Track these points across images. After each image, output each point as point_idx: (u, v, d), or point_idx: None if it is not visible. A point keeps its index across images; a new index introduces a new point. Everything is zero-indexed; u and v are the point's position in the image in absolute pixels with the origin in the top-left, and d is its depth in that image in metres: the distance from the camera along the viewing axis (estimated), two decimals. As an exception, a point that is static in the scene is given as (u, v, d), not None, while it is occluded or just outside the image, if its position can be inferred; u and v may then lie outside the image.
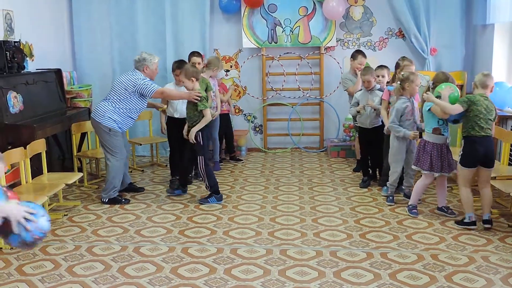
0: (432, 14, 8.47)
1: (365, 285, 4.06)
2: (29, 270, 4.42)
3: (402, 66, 6.53)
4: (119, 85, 6.19)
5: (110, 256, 4.70)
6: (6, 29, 6.72)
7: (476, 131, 5.09)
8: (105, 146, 6.25)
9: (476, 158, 5.14)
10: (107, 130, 6.16)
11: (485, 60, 7.90)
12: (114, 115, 6.18)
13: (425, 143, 5.52)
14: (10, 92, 6.10)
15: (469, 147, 5.14)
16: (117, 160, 6.26)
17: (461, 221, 5.33)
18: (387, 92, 6.35)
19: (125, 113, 6.23)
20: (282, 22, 8.79)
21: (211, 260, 4.57)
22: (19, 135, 5.94)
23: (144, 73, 6.26)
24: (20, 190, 5.43)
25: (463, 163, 5.21)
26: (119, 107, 6.18)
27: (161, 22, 8.72)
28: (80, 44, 8.87)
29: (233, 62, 9.08)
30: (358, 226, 5.38)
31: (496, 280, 4.11)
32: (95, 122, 6.22)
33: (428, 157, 5.46)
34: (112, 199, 6.29)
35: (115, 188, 6.32)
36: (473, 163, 5.16)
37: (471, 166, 5.18)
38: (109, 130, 6.17)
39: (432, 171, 5.48)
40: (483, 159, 5.13)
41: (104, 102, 6.26)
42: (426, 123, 5.55)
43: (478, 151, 5.09)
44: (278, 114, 9.20)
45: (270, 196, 6.50)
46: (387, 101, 6.32)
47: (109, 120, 6.15)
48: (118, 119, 6.21)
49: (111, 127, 6.16)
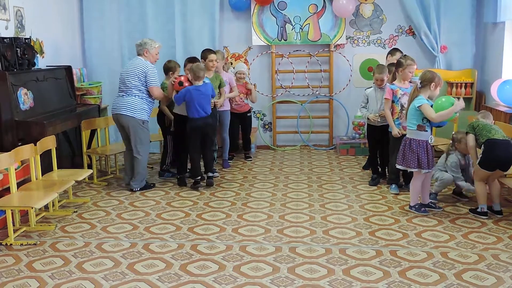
0: (443, 12, 8.45)
1: (375, 283, 4.05)
2: (39, 267, 4.43)
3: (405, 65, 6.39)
4: (131, 77, 6.42)
5: (120, 253, 4.71)
6: (17, 26, 6.76)
7: (493, 134, 5.29)
8: (137, 139, 6.50)
9: (496, 163, 5.30)
10: (141, 123, 6.47)
11: (495, 58, 7.86)
12: (144, 105, 6.49)
13: (410, 141, 5.55)
14: (21, 89, 6.13)
15: (490, 151, 5.28)
16: (145, 153, 6.62)
17: (474, 210, 5.58)
18: (390, 91, 6.30)
19: (148, 100, 6.56)
20: (292, 19, 8.78)
21: (220, 257, 4.57)
22: (29, 132, 5.97)
23: (145, 57, 6.49)
24: (30, 186, 5.46)
25: (482, 166, 5.34)
26: (143, 97, 6.48)
27: (171, 19, 8.75)
28: (90, 41, 8.91)
29: (242, 60, 9.07)
30: (367, 224, 5.36)
31: (506, 278, 4.08)
32: (127, 117, 6.42)
33: (415, 155, 5.51)
34: (142, 187, 6.70)
35: (144, 177, 6.73)
36: (493, 167, 5.32)
37: (490, 170, 5.34)
38: (143, 123, 6.48)
39: (420, 168, 5.52)
40: (502, 163, 5.30)
41: (131, 97, 6.43)
42: (410, 120, 5.57)
43: (499, 157, 5.26)
44: (287, 112, 9.19)
45: (279, 193, 6.49)
46: (390, 100, 6.29)
47: (143, 112, 6.48)
48: (147, 108, 6.55)
49: (145, 120, 6.50)
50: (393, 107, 6.30)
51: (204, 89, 6.56)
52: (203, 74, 6.55)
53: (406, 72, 6.26)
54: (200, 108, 6.50)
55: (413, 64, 6.35)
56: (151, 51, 6.49)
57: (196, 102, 6.47)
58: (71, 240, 5.03)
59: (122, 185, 6.93)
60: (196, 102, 6.47)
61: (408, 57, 6.51)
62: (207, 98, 6.62)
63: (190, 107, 6.51)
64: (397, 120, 6.27)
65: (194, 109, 6.49)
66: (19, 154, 5.32)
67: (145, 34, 8.70)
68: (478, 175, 5.46)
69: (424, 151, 5.50)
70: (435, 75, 5.50)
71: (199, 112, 6.51)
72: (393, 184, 6.46)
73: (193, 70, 6.50)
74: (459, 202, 5.99)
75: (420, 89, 5.51)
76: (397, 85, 6.29)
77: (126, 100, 6.44)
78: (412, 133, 5.55)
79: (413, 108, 5.49)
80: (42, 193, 5.21)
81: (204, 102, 6.57)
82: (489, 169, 5.31)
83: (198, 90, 6.49)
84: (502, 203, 5.66)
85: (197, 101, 6.48)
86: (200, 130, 6.61)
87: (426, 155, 5.50)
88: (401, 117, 6.23)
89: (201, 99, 6.51)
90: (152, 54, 6.52)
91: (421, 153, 5.49)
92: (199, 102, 6.49)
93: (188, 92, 6.45)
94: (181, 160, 7.04)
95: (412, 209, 5.69)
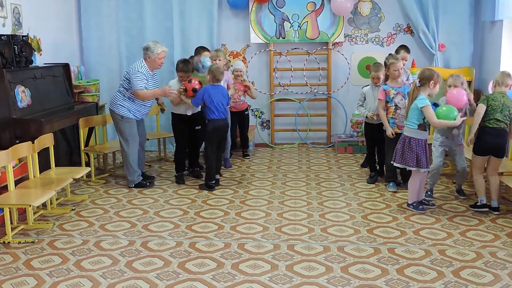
0: (441, 10, 8.44)
1: (373, 280, 4.06)
2: (37, 264, 4.43)
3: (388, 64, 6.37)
4: (123, 75, 6.61)
5: (118, 251, 4.71)
6: (14, 23, 6.74)
7: (491, 123, 5.41)
8: (119, 133, 6.62)
9: (487, 147, 5.47)
10: (119, 117, 6.51)
11: (493, 57, 7.86)
12: (124, 102, 6.50)
13: (410, 140, 5.56)
14: (18, 86, 6.12)
15: (482, 136, 5.49)
16: (130, 147, 6.57)
17: (474, 205, 5.69)
18: (382, 91, 6.30)
19: (130, 98, 6.49)
20: (290, 17, 8.77)
21: (219, 255, 4.58)
22: (27, 130, 5.96)
23: (147, 62, 6.45)
24: (28, 184, 5.45)
25: (475, 151, 5.57)
26: (128, 95, 6.48)
27: (169, 17, 8.73)
28: (88, 39, 8.89)
29: (240, 58, 9.07)
30: (365, 222, 5.37)
31: (504, 275, 4.10)
32: (110, 111, 6.64)
33: (414, 154, 5.52)
34: (137, 184, 6.69)
35: (137, 172, 6.69)
36: (484, 151, 5.49)
37: (482, 155, 5.52)
38: (121, 118, 6.50)
39: (419, 167, 5.54)
40: (494, 148, 5.45)
41: (116, 92, 6.62)
42: (411, 119, 5.57)
43: (489, 141, 5.44)
44: (285, 110, 9.19)
45: (277, 191, 6.50)
46: (383, 100, 6.29)
47: (120, 107, 6.50)
48: (131, 106, 6.52)
49: (123, 115, 6.49)
50: (387, 107, 6.30)
51: (221, 88, 6.63)
52: (221, 77, 6.62)
53: (392, 71, 6.31)
54: (219, 107, 6.50)
55: (396, 62, 6.32)
56: (152, 57, 6.39)
57: (215, 102, 6.46)
58: (69, 238, 5.03)
59: (121, 183, 6.93)
60: (215, 101, 6.46)
61: (392, 56, 6.53)
62: (225, 99, 6.62)
63: (210, 108, 6.48)
64: (392, 119, 6.27)
65: (214, 108, 6.47)
66: (17, 152, 5.31)
67: (143, 31, 8.72)
68: (474, 166, 5.63)
69: (423, 150, 5.51)
70: (434, 73, 5.50)
71: (219, 112, 6.51)
72: (391, 182, 6.47)
73: (212, 72, 6.50)
74: (456, 200, 6.00)
75: (419, 88, 5.51)
76: (390, 85, 6.31)
77: (113, 95, 6.66)
78: (412, 132, 5.55)
79: (416, 108, 5.48)
80: (40, 191, 5.21)
81: (223, 102, 6.58)
82: (480, 153, 5.52)
83: (217, 88, 6.54)
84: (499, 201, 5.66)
85: (216, 101, 6.47)
86: (220, 131, 6.63)
87: (425, 155, 5.52)
88: (395, 116, 6.24)
89: (219, 97, 6.51)
90: (153, 60, 6.42)
91: (420, 152, 5.50)
92: (218, 101, 6.48)
93: (206, 91, 6.46)
94: (178, 159, 7.05)
95: (410, 207, 5.70)
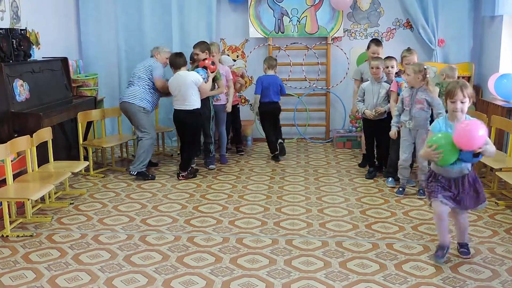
0: (440, 5, 8.42)
1: (371, 275, 4.06)
2: (36, 258, 4.43)
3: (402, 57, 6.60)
4: (141, 70, 6.98)
5: (116, 245, 4.71)
6: (13, 17, 6.72)
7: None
8: (139, 126, 6.90)
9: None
10: (141, 109, 6.84)
11: (492, 52, 7.86)
12: (145, 95, 6.89)
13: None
14: (17, 80, 6.10)
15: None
16: (148, 139, 6.85)
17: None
18: (395, 83, 6.31)
19: (152, 92, 6.98)
20: (289, 12, 8.76)
21: (217, 250, 4.58)
22: (25, 124, 5.95)
23: (157, 59, 7.08)
24: (26, 178, 5.45)
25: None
26: (146, 88, 6.92)
27: (168, 11, 8.70)
28: (86, 33, 8.86)
29: (239, 52, 9.05)
30: (364, 217, 5.37)
31: (502, 271, 4.10)
32: (128, 104, 6.86)
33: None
34: (140, 173, 6.83)
35: (144, 163, 6.87)
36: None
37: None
38: (143, 109, 6.86)
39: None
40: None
41: (133, 87, 6.93)
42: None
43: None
44: (284, 105, 9.10)
45: (275, 186, 6.50)
46: (396, 92, 6.28)
47: (142, 100, 6.86)
48: (149, 98, 6.93)
49: (145, 106, 6.86)
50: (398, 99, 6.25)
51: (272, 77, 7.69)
52: (275, 63, 7.73)
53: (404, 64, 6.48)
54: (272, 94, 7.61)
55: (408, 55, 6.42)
56: (162, 54, 7.10)
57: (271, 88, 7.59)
58: (67, 232, 5.03)
59: (119, 177, 6.92)
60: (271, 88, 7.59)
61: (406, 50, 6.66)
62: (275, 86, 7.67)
63: (264, 94, 7.60)
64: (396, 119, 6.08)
65: (267, 94, 7.59)
66: (15, 145, 5.30)
67: (142, 26, 8.71)
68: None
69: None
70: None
71: (270, 97, 7.60)
72: (390, 177, 6.46)
73: (267, 61, 7.69)
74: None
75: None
76: (403, 78, 6.28)
77: (131, 89, 6.92)
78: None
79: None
80: (38, 185, 5.21)
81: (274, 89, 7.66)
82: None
83: (270, 77, 7.65)
84: (498, 197, 5.67)
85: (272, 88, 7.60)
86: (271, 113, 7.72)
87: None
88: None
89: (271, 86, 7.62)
90: (162, 57, 7.11)
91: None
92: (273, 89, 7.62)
93: (259, 80, 7.61)
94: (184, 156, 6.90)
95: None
